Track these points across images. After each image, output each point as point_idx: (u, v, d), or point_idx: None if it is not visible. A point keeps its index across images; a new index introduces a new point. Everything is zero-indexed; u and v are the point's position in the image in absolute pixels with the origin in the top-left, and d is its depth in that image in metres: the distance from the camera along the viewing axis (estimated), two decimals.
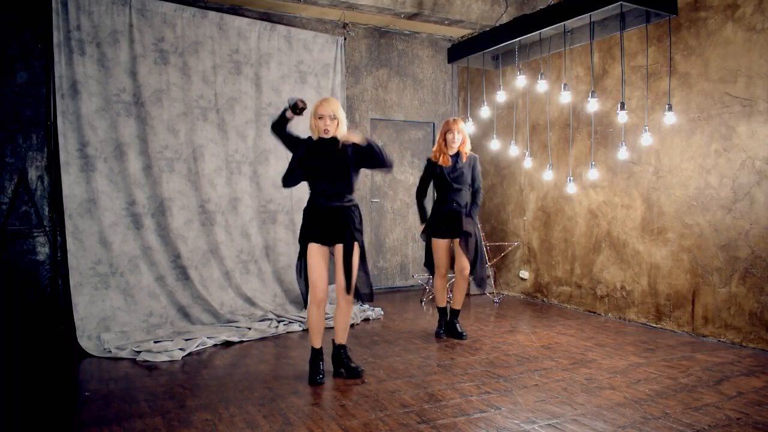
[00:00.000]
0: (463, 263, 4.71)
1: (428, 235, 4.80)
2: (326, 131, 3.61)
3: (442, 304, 5.00)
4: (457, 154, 4.70)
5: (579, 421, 3.08)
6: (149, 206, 5.19)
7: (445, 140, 4.68)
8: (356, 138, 3.59)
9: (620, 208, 5.47)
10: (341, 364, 3.86)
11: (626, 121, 5.09)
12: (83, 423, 3.10)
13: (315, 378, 3.71)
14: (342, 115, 3.67)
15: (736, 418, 3.11)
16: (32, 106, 5.11)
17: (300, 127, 4.24)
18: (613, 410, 3.22)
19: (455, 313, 4.90)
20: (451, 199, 4.67)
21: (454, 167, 4.68)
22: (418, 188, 4.89)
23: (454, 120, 4.69)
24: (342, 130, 3.65)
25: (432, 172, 4.76)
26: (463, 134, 4.68)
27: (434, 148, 4.78)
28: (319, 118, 3.63)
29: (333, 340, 3.90)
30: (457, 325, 4.88)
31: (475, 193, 4.79)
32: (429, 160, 4.78)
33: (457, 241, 4.72)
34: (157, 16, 5.27)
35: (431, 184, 4.87)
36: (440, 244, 4.77)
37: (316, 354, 3.77)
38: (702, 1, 4.73)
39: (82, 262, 4.85)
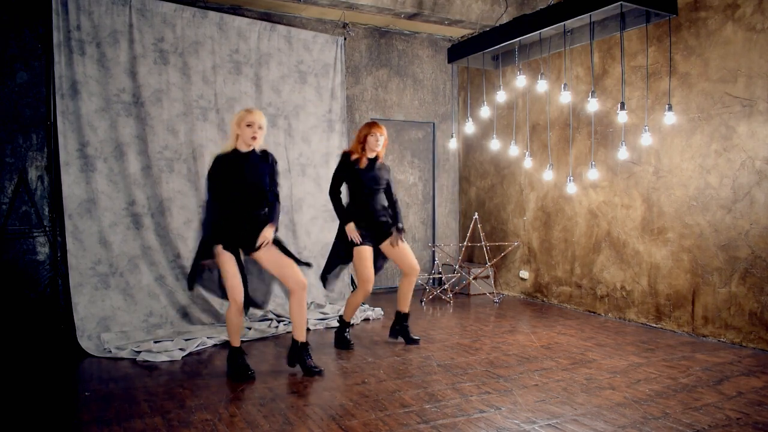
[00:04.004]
0: (412, 261, 4.51)
1: (349, 242, 4.36)
2: (254, 138, 3.72)
3: (350, 318, 4.62)
4: (375, 158, 4.46)
5: (579, 421, 3.08)
6: (149, 206, 5.19)
7: (365, 142, 4.39)
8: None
9: (620, 208, 5.47)
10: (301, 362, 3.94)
11: (626, 121, 5.09)
12: (83, 423, 3.10)
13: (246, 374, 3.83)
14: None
15: (736, 418, 3.11)
16: (32, 106, 5.11)
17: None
18: (613, 410, 3.22)
19: (405, 316, 4.70)
20: (371, 203, 4.40)
21: (371, 168, 4.41)
22: (332, 186, 4.43)
23: (379, 124, 4.47)
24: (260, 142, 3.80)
25: (347, 170, 4.39)
26: (385, 140, 4.46)
27: (351, 147, 4.49)
28: (248, 125, 3.70)
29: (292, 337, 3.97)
30: (408, 328, 4.72)
31: (395, 202, 4.59)
32: (346, 155, 4.43)
33: (389, 242, 4.47)
34: (157, 16, 5.27)
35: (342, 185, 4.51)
36: (366, 252, 4.34)
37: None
38: (702, 1, 4.73)
39: (82, 262, 4.84)
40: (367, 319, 5.60)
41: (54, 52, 4.82)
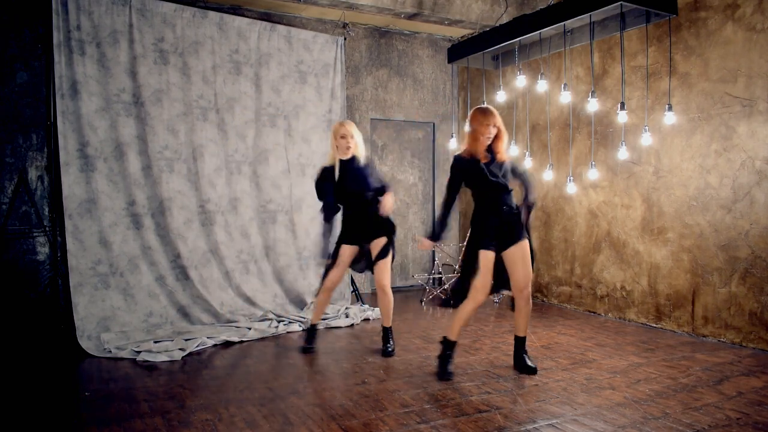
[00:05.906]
0: (524, 280, 3.83)
1: (474, 247, 3.77)
2: (348, 148, 4.23)
3: (456, 335, 3.85)
4: (491, 151, 3.78)
5: (579, 421, 3.08)
6: (149, 206, 5.19)
7: (477, 136, 3.71)
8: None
9: (620, 208, 5.47)
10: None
11: (626, 121, 5.09)
12: (83, 423, 3.10)
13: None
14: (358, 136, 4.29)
15: (736, 418, 3.11)
16: (32, 106, 5.11)
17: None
18: (613, 410, 3.22)
19: (521, 341, 3.98)
20: (503, 202, 3.76)
21: (494, 162, 3.76)
22: (448, 196, 3.84)
23: (492, 112, 3.71)
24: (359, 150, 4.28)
25: (467, 172, 3.77)
26: (500, 129, 3.74)
27: (465, 146, 3.80)
28: (342, 137, 4.21)
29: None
30: (526, 357, 3.97)
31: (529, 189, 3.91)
32: (460, 158, 3.79)
33: (510, 252, 3.80)
34: (157, 16, 5.27)
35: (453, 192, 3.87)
36: (489, 258, 3.73)
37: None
38: (702, 1, 4.73)
39: (82, 262, 4.84)
40: (367, 319, 5.60)
41: (54, 52, 4.81)
